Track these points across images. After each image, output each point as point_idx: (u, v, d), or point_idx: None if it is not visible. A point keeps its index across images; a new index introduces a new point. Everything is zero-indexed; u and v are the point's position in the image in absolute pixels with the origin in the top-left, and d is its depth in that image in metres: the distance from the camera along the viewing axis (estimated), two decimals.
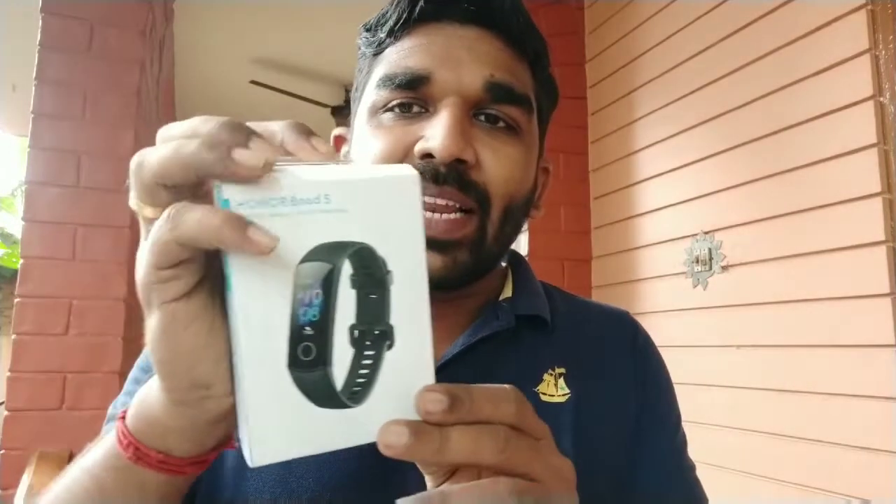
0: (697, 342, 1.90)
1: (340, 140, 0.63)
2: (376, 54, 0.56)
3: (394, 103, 0.52)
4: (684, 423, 0.64)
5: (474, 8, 0.53)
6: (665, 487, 0.59)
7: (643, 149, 2.20)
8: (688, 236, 1.96)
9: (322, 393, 0.30)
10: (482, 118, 0.53)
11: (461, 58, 0.52)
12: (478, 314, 0.58)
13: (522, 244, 2.38)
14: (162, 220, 0.28)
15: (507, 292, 0.61)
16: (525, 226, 0.61)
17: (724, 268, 1.82)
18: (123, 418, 0.36)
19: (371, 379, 0.31)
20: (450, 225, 0.50)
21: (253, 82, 3.71)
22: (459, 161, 0.50)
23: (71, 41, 2.00)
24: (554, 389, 0.56)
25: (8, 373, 1.85)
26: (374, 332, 0.31)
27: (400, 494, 0.49)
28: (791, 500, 1.55)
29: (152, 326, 0.30)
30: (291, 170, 0.30)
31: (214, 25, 3.29)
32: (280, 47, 3.54)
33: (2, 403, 1.96)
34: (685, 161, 2.00)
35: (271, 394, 0.30)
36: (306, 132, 0.31)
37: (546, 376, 0.56)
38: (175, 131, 0.30)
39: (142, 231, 0.31)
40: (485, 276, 0.57)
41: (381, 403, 0.31)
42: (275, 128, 0.31)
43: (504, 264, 0.65)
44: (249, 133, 0.29)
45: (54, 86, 1.98)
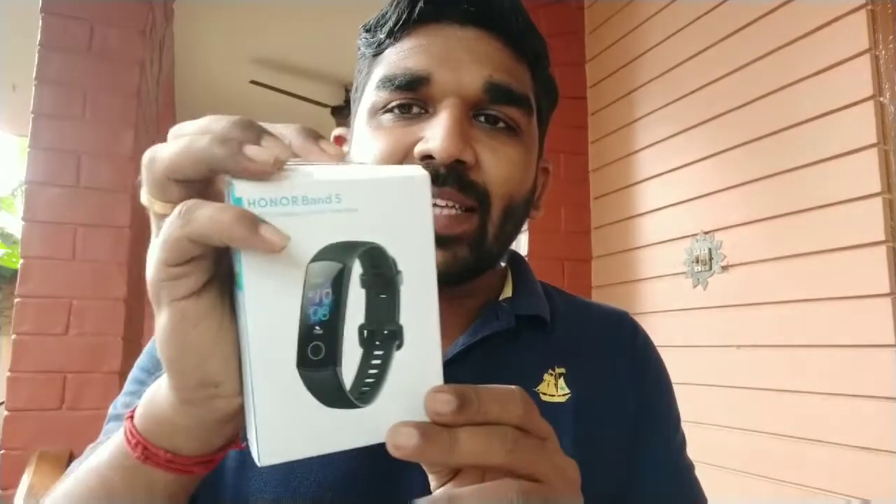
0: (697, 342, 1.90)
1: (340, 140, 0.63)
2: (376, 55, 0.56)
3: (393, 104, 0.52)
4: (684, 423, 0.64)
5: (474, 9, 0.53)
6: (664, 487, 0.59)
7: (643, 149, 2.20)
8: (688, 236, 1.97)
9: (331, 393, 0.30)
10: (482, 119, 0.53)
11: (461, 59, 0.52)
12: (478, 314, 0.58)
13: (522, 244, 2.38)
14: (173, 217, 0.28)
15: (507, 292, 0.61)
16: (525, 226, 0.61)
17: (724, 268, 1.82)
18: (131, 418, 0.36)
19: (380, 379, 0.31)
20: (450, 220, 0.50)
21: (253, 82, 3.71)
22: (459, 162, 0.50)
23: (71, 41, 2.00)
24: (554, 389, 0.56)
25: (8, 373, 1.85)
26: (384, 332, 0.31)
27: (401, 494, 0.49)
28: (791, 500, 1.55)
29: (161, 324, 0.30)
30: (303, 169, 0.30)
31: (214, 25, 3.29)
32: (280, 47, 3.54)
33: (2, 403, 1.96)
34: (685, 161, 2.00)
35: (280, 393, 0.30)
36: (314, 135, 0.31)
37: (546, 376, 0.56)
38: (187, 129, 0.30)
39: (152, 228, 0.31)
40: (484, 275, 0.57)
41: (390, 404, 0.31)
42: (283, 130, 0.31)
43: (504, 264, 0.65)
44: (261, 131, 0.29)
45: (54, 86, 1.98)
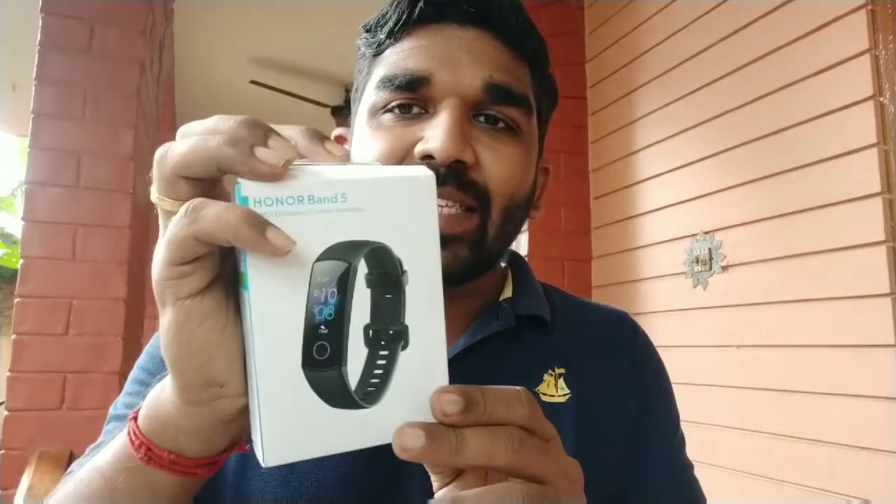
0: (697, 342, 1.90)
1: (341, 140, 0.63)
2: (376, 55, 0.56)
3: (393, 104, 0.52)
4: (684, 423, 0.64)
5: (473, 9, 0.53)
6: (664, 487, 0.59)
7: (643, 149, 2.20)
8: (688, 236, 1.97)
9: (336, 393, 0.30)
10: (482, 119, 0.53)
11: (460, 59, 0.52)
12: (478, 314, 0.58)
13: (522, 244, 2.38)
14: (180, 215, 0.28)
15: (507, 292, 0.61)
16: (525, 226, 0.61)
17: (724, 268, 1.82)
18: (135, 419, 0.36)
19: (385, 379, 0.31)
20: (450, 220, 0.50)
21: (253, 82, 3.71)
22: (459, 162, 0.50)
23: (71, 41, 2.00)
24: (554, 390, 0.56)
25: (8, 373, 1.85)
26: (389, 332, 0.31)
27: (402, 493, 0.49)
28: (791, 500, 1.55)
29: (166, 323, 0.30)
30: (309, 169, 0.30)
31: (214, 25, 3.29)
32: (280, 47, 3.54)
33: (2, 403, 1.96)
34: (685, 161, 2.00)
35: (285, 393, 0.29)
36: (319, 136, 0.31)
37: (546, 376, 0.57)
38: (195, 129, 0.30)
39: (161, 226, 0.31)
40: (484, 275, 0.57)
41: (395, 404, 0.31)
42: (288, 132, 0.31)
43: (504, 265, 0.65)
44: (268, 131, 0.29)
45: (54, 86, 1.98)
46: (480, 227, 0.52)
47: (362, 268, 0.30)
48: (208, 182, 0.30)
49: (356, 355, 0.30)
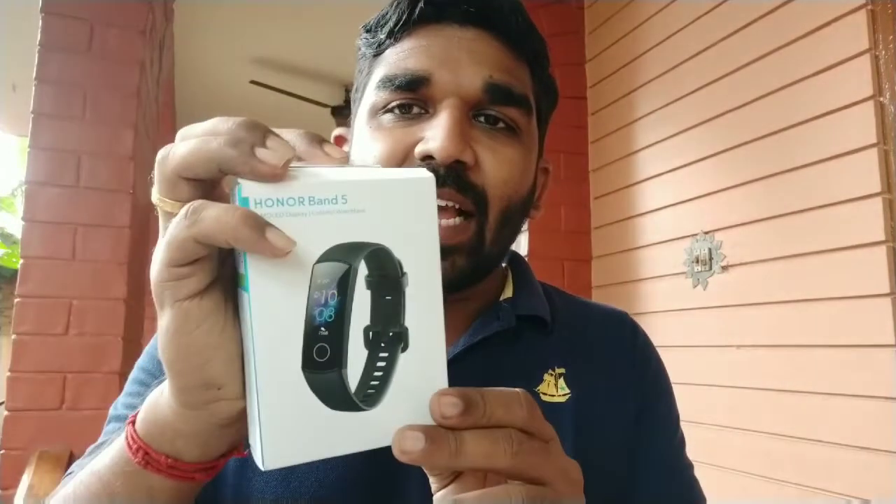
0: (697, 342, 1.90)
1: (341, 140, 0.63)
2: (376, 55, 0.56)
3: (394, 104, 0.52)
4: (684, 423, 0.64)
5: (474, 9, 0.53)
6: (664, 487, 0.59)
7: (643, 149, 2.20)
8: (688, 236, 1.97)
9: (336, 395, 0.30)
10: (482, 119, 0.53)
11: (460, 59, 0.52)
12: (478, 315, 0.58)
13: (522, 244, 2.38)
14: (180, 217, 0.28)
15: (508, 293, 0.61)
16: (525, 226, 0.61)
17: (724, 268, 1.82)
18: (133, 422, 0.36)
19: (385, 382, 0.31)
20: (448, 231, 0.50)
21: (253, 82, 3.71)
22: (459, 162, 0.50)
23: (71, 41, 2.00)
24: (554, 389, 0.56)
25: (8, 373, 1.85)
26: (389, 334, 0.31)
27: (401, 493, 0.49)
28: (791, 500, 1.55)
29: (164, 325, 0.30)
30: (309, 170, 0.30)
31: (214, 25, 3.29)
32: (280, 47, 3.54)
33: (2, 403, 1.96)
34: (685, 161, 2.00)
35: (285, 395, 0.29)
36: (318, 139, 0.31)
37: (546, 376, 0.57)
38: (195, 130, 0.30)
39: (161, 227, 0.31)
40: (484, 279, 0.57)
41: (395, 407, 0.31)
42: (288, 135, 0.31)
43: (504, 265, 0.65)
44: (267, 132, 0.29)
45: (54, 86, 1.98)
46: (478, 235, 0.52)
47: (362, 269, 0.30)
48: (209, 183, 0.30)
49: (356, 357, 0.30)
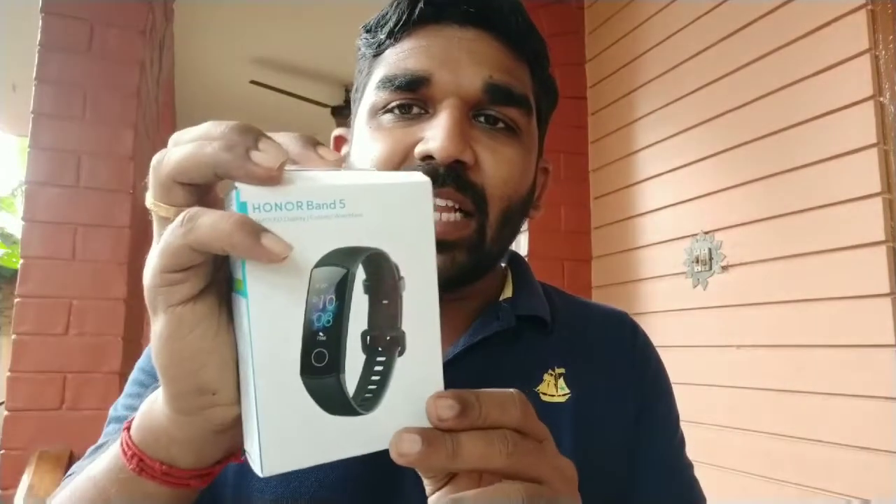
0: (697, 342, 1.90)
1: (341, 140, 0.63)
2: (376, 55, 0.56)
3: (393, 104, 0.52)
4: (684, 423, 0.64)
5: (473, 10, 0.53)
6: (664, 487, 0.59)
7: (643, 149, 2.20)
8: (688, 236, 1.97)
9: (334, 400, 0.30)
10: (481, 119, 0.53)
11: (460, 59, 0.52)
12: (478, 314, 0.58)
13: (522, 244, 2.38)
14: (175, 224, 0.28)
15: (507, 293, 0.61)
16: (525, 226, 0.61)
17: (724, 268, 1.82)
18: (128, 429, 0.36)
19: (382, 386, 0.31)
20: (448, 226, 0.50)
21: (253, 82, 3.71)
22: (458, 162, 0.50)
23: (71, 41, 2.00)
24: (554, 389, 0.56)
25: (8, 373, 1.85)
26: (386, 339, 0.31)
27: (401, 493, 0.49)
28: (791, 500, 1.55)
29: (157, 330, 0.30)
30: (305, 174, 0.30)
31: (214, 25, 3.29)
32: (280, 47, 3.54)
33: (2, 403, 1.96)
34: (685, 161, 2.00)
35: (283, 401, 0.29)
36: (313, 142, 0.31)
37: (546, 376, 0.57)
38: (188, 136, 0.30)
39: (155, 232, 0.31)
40: (483, 277, 0.57)
41: (392, 410, 0.31)
42: (282, 139, 0.31)
43: (504, 265, 0.65)
44: (259, 135, 0.29)
45: (54, 86, 1.98)
46: (478, 232, 0.52)
47: (360, 274, 0.30)
48: (204, 188, 0.30)
49: (354, 362, 0.30)
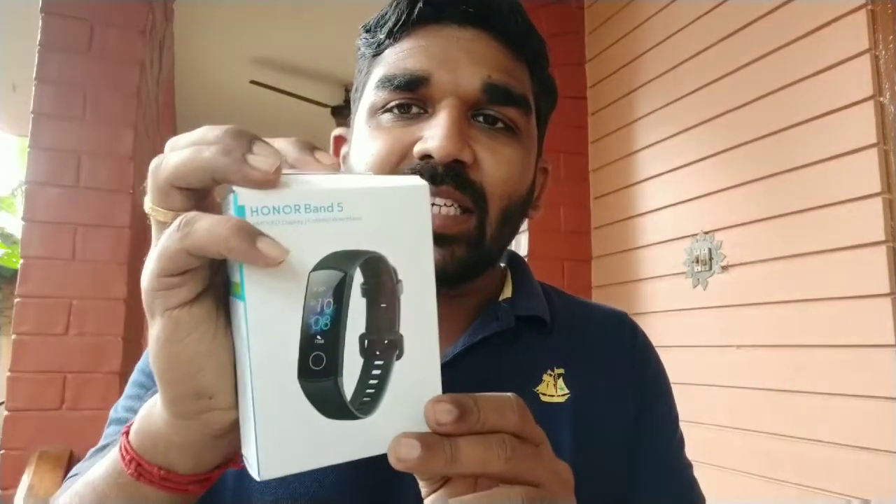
0: (697, 342, 1.90)
1: (341, 140, 0.63)
2: (375, 55, 0.56)
3: (393, 104, 0.52)
4: (684, 423, 0.64)
5: (473, 10, 0.53)
6: (663, 487, 0.59)
7: (643, 149, 2.20)
8: (688, 236, 1.97)
9: (332, 404, 0.30)
10: (480, 119, 0.53)
11: (459, 59, 0.52)
12: (477, 313, 0.58)
13: (522, 244, 2.37)
14: (172, 229, 0.28)
15: (507, 293, 0.61)
16: (525, 226, 0.61)
17: (724, 268, 1.82)
18: (127, 433, 0.36)
19: (380, 389, 0.31)
20: (448, 221, 0.50)
21: (253, 82, 3.71)
22: (457, 161, 0.50)
23: (71, 41, 2.00)
24: (553, 390, 0.56)
25: (8, 373, 1.85)
26: (384, 342, 0.31)
27: (400, 494, 0.49)
28: (791, 500, 1.55)
29: (154, 334, 0.30)
30: (303, 178, 0.30)
31: (214, 25, 3.29)
32: (280, 47, 3.54)
33: (2, 403, 1.96)
34: (685, 161, 2.00)
35: (280, 404, 0.29)
36: (309, 146, 0.31)
37: (545, 377, 0.57)
38: (184, 140, 0.30)
39: (153, 236, 0.31)
40: (482, 275, 0.57)
41: (390, 414, 0.31)
42: (279, 143, 0.31)
43: (503, 265, 0.65)
44: (253, 139, 0.29)
45: (54, 86, 1.98)
46: (478, 228, 0.52)
47: (358, 277, 0.30)
48: (201, 193, 0.30)
49: (351, 365, 0.30)
